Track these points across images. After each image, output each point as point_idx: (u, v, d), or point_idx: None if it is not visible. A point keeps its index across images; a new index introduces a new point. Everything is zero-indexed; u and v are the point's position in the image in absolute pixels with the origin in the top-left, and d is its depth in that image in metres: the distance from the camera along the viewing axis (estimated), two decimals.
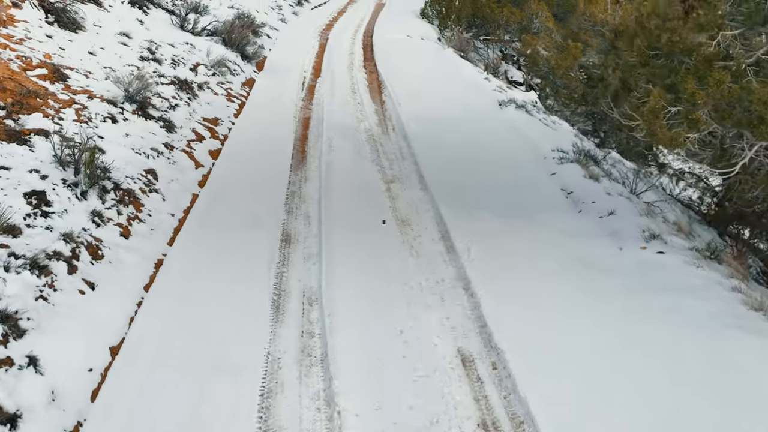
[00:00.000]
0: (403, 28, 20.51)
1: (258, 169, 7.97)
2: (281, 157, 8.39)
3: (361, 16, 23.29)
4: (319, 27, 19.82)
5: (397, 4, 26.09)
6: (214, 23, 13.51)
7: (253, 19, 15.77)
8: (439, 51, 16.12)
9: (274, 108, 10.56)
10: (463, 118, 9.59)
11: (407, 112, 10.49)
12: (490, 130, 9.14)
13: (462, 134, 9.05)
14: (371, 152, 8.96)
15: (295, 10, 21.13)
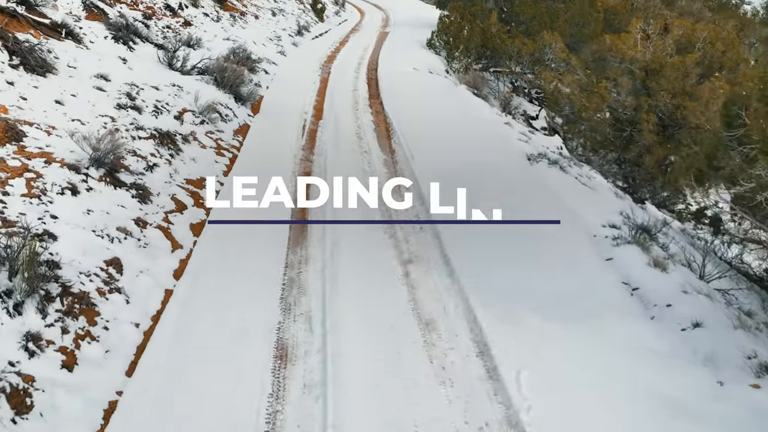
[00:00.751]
0: (409, 59, 19.40)
1: (248, 246, 6.64)
2: (276, 231, 7.07)
3: (364, 45, 22.21)
4: (321, 59, 18.68)
5: (401, 33, 25.08)
6: (205, 61, 12.27)
7: (249, 54, 14.58)
8: (451, 88, 14.92)
9: (269, 161, 9.27)
10: (488, 176, 8.29)
11: (422, 166, 9.20)
12: (521, 192, 7.83)
13: (488, 198, 7.73)
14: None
15: (294, 41, 20.03)
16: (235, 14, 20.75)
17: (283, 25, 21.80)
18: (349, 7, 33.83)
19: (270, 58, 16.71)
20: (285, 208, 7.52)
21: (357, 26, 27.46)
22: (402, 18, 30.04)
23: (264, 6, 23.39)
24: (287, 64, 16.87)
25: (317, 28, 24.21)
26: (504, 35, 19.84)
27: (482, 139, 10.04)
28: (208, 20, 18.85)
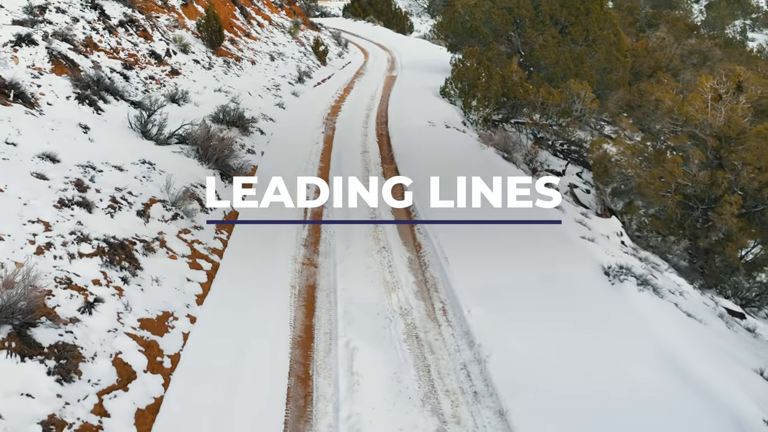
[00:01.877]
0: (421, 110, 17.43)
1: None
2: (268, 389, 4.81)
3: (371, 92, 20.30)
4: (324, 112, 16.69)
5: (409, 77, 23.23)
6: (186, 126, 10.14)
7: (242, 112, 12.51)
8: (476, 152, 12.82)
9: (259, 271, 7.04)
10: (559, 300, 6.06)
11: (461, 273, 6.99)
12: (611, 338, 5.57)
13: (564, 351, 5.49)
14: (417, 374, 5.39)
15: (295, 90, 18.07)
16: (229, 60, 18.85)
17: (282, 72, 19.90)
18: (352, 47, 32.20)
19: (267, 113, 14.67)
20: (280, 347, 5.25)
21: (362, 69, 25.67)
22: (408, 60, 28.32)
23: (262, 50, 21.56)
24: (286, 120, 14.82)
25: (319, 73, 22.34)
26: (527, 83, 17.92)
27: (537, 236, 7.83)
28: (198, 68, 16.91)
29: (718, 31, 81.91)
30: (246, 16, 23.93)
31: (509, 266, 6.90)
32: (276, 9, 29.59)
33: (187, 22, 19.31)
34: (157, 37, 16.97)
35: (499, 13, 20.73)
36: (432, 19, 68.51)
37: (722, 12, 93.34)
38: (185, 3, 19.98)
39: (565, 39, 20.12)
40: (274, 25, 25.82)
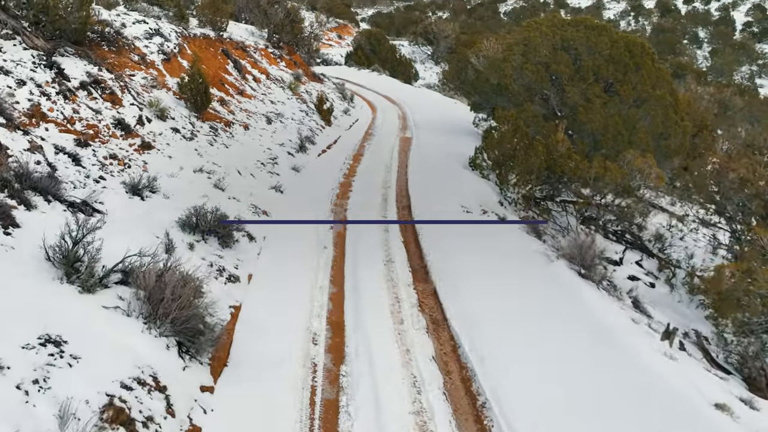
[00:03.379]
0: (449, 188, 14.23)
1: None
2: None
3: (385, 162, 17.15)
4: (331, 194, 13.45)
5: (427, 140, 20.14)
6: (133, 257, 6.72)
7: (222, 215, 9.15)
8: (540, 264, 9.47)
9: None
10: None
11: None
12: None
13: None
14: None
15: (295, 163, 14.87)
16: (217, 126, 15.74)
17: (281, 138, 16.79)
18: (358, 101, 29.38)
19: (260, 203, 11.39)
20: None
21: (371, 129, 22.65)
22: (422, 117, 25.38)
23: (257, 111, 18.53)
24: (284, 210, 11.51)
25: (324, 136, 19.26)
26: (576, 156, 14.78)
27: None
28: (177, 138, 13.76)
29: (726, 77, 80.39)
30: (240, 71, 21.05)
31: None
32: (275, 60, 26.86)
33: (168, 81, 16.31)
34: (128, 101, 13.89)
35: (533, 68, 17.82)
36: (436, 65, 66.70)
37: (728, 58, 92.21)
38: (167, 58, 17.03)
39: (613, 99, 17.12)
40: (272, 79, 22.95)
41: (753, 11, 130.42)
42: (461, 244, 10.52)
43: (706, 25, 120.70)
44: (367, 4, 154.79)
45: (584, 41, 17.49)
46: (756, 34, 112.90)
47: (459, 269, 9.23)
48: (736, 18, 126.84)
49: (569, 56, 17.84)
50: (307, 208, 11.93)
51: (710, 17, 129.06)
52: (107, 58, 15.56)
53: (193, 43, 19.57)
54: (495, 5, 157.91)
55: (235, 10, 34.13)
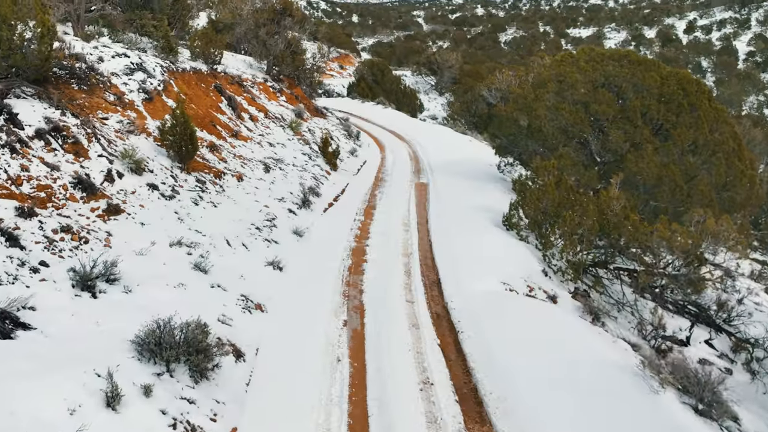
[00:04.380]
0: (484, 256, 11.71)
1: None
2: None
3: (402, 217, 14.66)
4: (341, 267, 10.90)
5: (446, 188, 17.68)
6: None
7: (197, 329, 6.56)
8: (642, 398, 6.85)
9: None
10: None
11: None
12: None
13: None
14: None
15: (297, 225, 12.34)
16: (205, 178, 13.29)
17: (280, 190, 14.33)
18: (364, 137, 27.08)
19: (251, 290, 8.81)
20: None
21: (381, 173, 20.24)
22: (436, 158, 23.00)
23: (254, 156, 16.11)
24: (283, 299, 8.93)
25: (330, 185, 16.80)
26: (634, 216, 12.30)
27: None
28: (154, 198, 11.29)
29: (735, 108, 78.72)
30: (235, 109, 18.72)
31: None
32: (274, 95, 24.61)
33: (149, 124, 13.92)
34: (96, 153, 11.46)
35: (570, 109, 15.48)
36: (440, 96, 64.94)
37: (734, 88, 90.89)
38: (148, 97, 14.67)
39: (666, 145, 14.74)
40: (271, 117, 20.62)
41: (755, 41, 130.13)
42: (516, 348, 7.95)
43: (709, 55, 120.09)
44: (367, 34, 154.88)
45: (630, 78, 15.19)
46: (760, 64, 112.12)
47: (523, 396, 6.64)
48: (738, 47, 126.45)
49: (613, 95, 15.52)
50: (314, 293, 9.37)
51: (712, 47, 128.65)
52: (76, 98, 13.19)
53: (182, 78, 17.27)
54: (495, 35, 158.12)
55: (233, 41, 32.13)
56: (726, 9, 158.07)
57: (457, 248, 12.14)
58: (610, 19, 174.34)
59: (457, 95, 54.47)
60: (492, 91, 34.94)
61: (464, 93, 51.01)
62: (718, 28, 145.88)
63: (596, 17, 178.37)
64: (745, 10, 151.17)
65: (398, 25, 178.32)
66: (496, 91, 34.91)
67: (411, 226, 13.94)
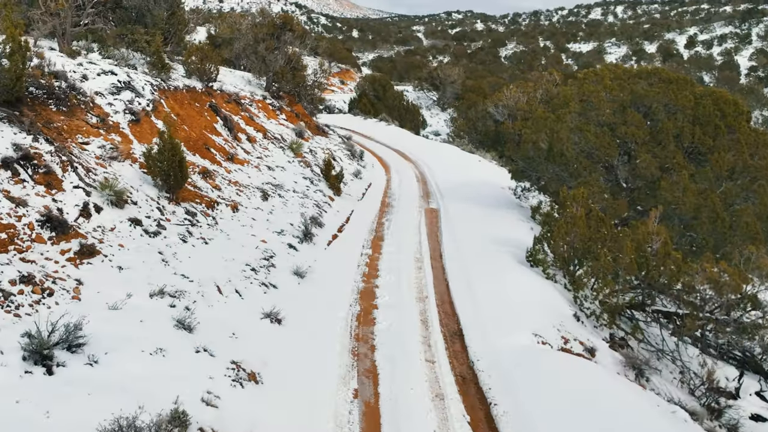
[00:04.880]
0: (509, 301, 10.32)
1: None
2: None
3: (413, 250, 13.31)
4: (349, 316, 9.52)
5: (458, 215, 16.35)
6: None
7: (174, 422, 5.20)
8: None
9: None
10: None
11: None
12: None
13: None
14: None
15: (298, 263, 10.96)
16: (196, 208, 11.95)
17: (279, 221, 12.99)
18: (368, 157, 25.82)
19: (242, 362, 7.39)
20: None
21: (387, 197, 18.92)
22: (445, 179, 21.70)
23: (251, 182, 14.79)
24: (281, 365, 7.52)
25: (333, 213, 15.46)
26: (676, 254, 10.94)
27: None
28: (136, 236, 9.93)
29: None
30: (231, 129, 17.44)
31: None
32: (274, 113, 23.38)
33: (135, 149, 12.62)
34: (72, 183, 10.13)
35: (596, 131, 14.20)
36: (443, 112, 63.91)
37: None
38: (135, 119, 13.39)
39: (703, 171, 13.43)
40: (270, 138, 19.35)
41: (757, 56, 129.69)
42: (561, 426, 6.56)
43: (710, 70, 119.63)
44: (367, 49, 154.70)
45: (660, 97, 13.93)
46: (762, 79, 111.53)
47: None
48: (740, 62, 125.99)
49: (640, 116, 14.25)
50: (318, 352, 7.99)
51: (713, 62, 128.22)
52: (53, 121, 11.91)
53: (174, 97, 16.01)
54: (495, 50, 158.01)
55: (232, 56, 31.02)
56: (726, 24, 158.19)
57: (478, 291, 10.77)
58: (610, 34, 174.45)
59: (461, 111, 53.38)
60: (499, 108, 33.74)
61: (468, 109, 49.88)
62: (719, 42, 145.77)
63: (596, 32, 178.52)
64: (745, 25, 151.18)
65: (398, 39, 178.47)
66: (504, 108, 33.70)
67: (424, 262, 12.58)
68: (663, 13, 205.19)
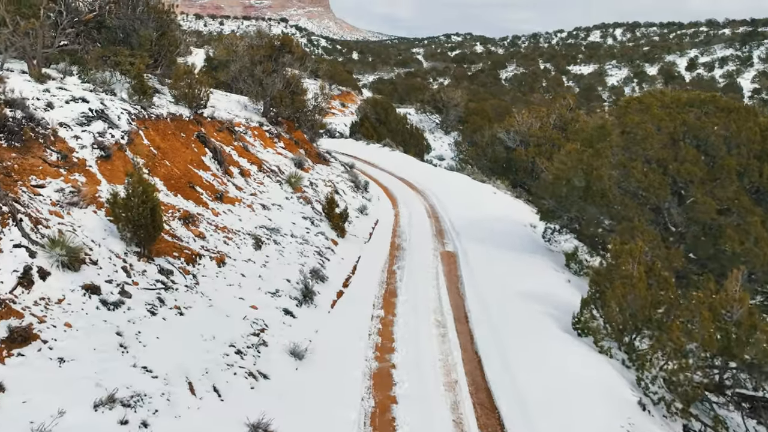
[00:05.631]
0: (559, 386, 8.18)
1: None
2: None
3: (434, 312, 11.20)
4: (361, 422, 7.34)
5: (479, 260, 14.25)
6: None
7: None
8: None
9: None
10: None
11: None
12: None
13: None
14: None
15: (295, 342, 8.78)
16: (173, 265, 9.82)
17: (274, 278, 10.87)
18: (373, 187, 23.81)
19: None
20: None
21: (397, 238, 16.83)
22: (459, 214, 19.65)
23: (242, 226, 12.71)
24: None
25: (337, 261, 13.35)
26: (766, 326, 8.81)
27: None
28: (91, 309, 7.79)
29: None
30: (222, 163, 15.42)
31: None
32: (271, 141, 21.43)
33: (102, 192, 10.55)
34: (11, 241, 8.03)
35: (643, 169, 12.18)
36: (446, 135, 62.24)
37: None
38: (105, 155, 11.35)
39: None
40: (266, 170, 17.34)
41: (759, 78, 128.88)
42: None
43: (713, 92, 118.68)
44: (367, 71, 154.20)
45: (720, 129, 11.94)
46: (766, 101, 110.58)
47: None
48: (742, 85, 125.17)
49: (696, 150, 12.25)
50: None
51: (716, 84, 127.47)
52: (3, 159, 9.88)
53: (156, 127, 14.01)
54: (495, 71, 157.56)
55: (228, 79, 29.19)
56: (726, 46, 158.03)
57: (518, 373, 8.62)
58: (610, 56, 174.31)
59: (466, 134, 51.62)
60: (510, 134, 31.84)
61: (473, 132, 48.13)
62: (720, 65, 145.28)
63: (596, 54, 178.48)
64: (746, 48, 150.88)
65: (398, 62, 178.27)
66: (515, 133, 31.81)
67: (447, 327, 10.45)
68: (662, 35, 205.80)
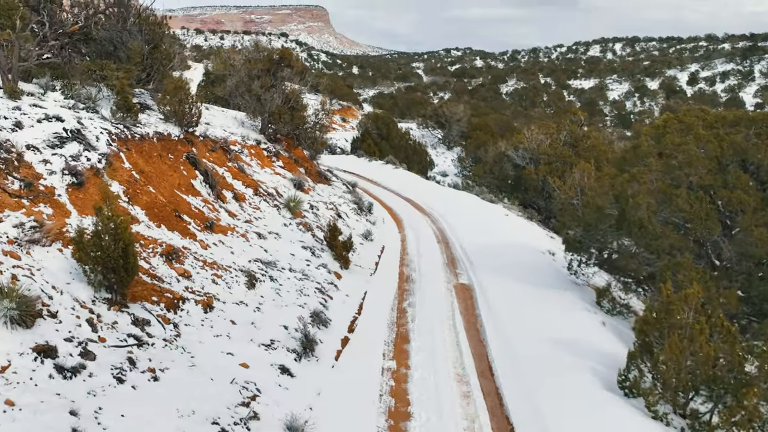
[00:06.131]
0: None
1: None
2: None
3: (453, 363, 9.93)
4: None
5: (498, 296, 12.77)
6: None
7: None
8: None
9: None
10: None
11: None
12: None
13: None
14: None
15: (293, 412, 7.26)
16: (150, 313, 8.33)
17: (268, 325, 9.39)
18: (377, 208, 22.38)
19: None
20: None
21: (405, 269, 15.36)
22: (471, 241, 18.21)
23: (234, 261, 11.24)
24: None
25: (340, 300, 11.87)
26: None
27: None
28: (41, 378, 6.27)
29: None
30: (213, 187, 14.00)
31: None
32: (269, 160, 20.05)
33: (71, 226, 9.11)
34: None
35: (688, 197, 10.76)
36: (449, 150, 61.03)
37: None
38: (77, 182, 9.93)
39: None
40: (263, 194, 15.91)
41: (761, 92, 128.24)
42: None
43: (716, 107, 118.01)
44: (368, 85, 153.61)
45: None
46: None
47: None
48: (745, 99, 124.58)
49: (747, 176, 10.84)
50: None
51: (718, 98, 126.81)
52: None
53: (139, 148, 12.61)
54: (496, 86, 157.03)
55: (225, 94, 27.89)
56: (727, 61, 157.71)
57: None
58: (611, 70, 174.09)
59: (469, 150, 50.37)
60: (519, 152, 30.53)
61: (477, 148, 46.86)
62: (721, 79, 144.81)
63: (596, 69, 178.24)
64: (747, 62, 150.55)
65: (398, 76, 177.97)
66: (525, 151, 30.50)
67: (471, 384, 8.96)
68: (661, 50, 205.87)
